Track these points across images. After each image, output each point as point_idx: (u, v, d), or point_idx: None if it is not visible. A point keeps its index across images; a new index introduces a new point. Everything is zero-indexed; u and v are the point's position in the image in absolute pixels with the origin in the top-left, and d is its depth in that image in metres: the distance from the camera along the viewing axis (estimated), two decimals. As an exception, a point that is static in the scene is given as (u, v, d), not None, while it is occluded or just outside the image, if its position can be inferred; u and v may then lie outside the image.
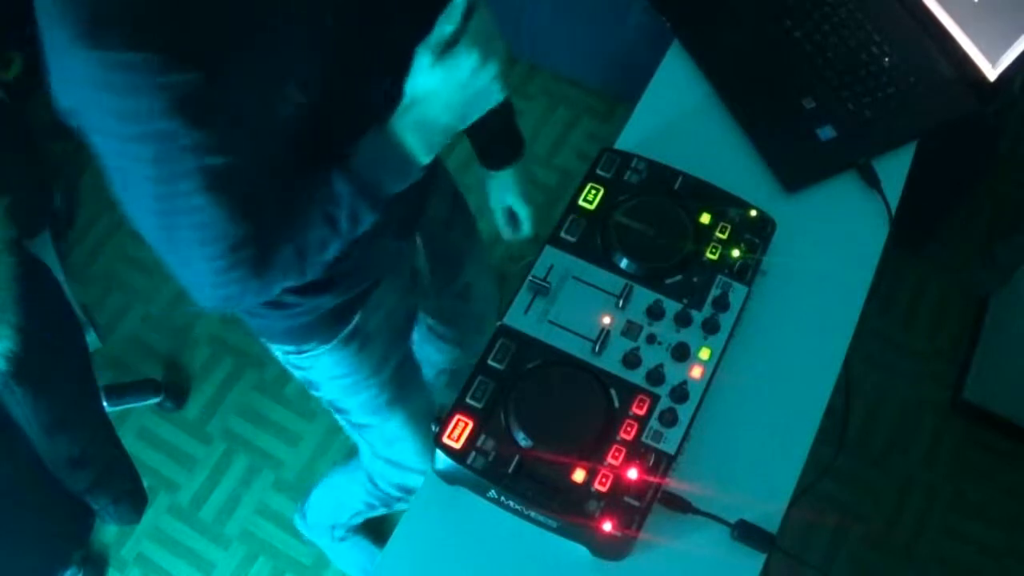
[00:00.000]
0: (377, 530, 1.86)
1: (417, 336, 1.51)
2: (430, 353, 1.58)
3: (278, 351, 1.21)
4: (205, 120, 0.77)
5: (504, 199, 1.41)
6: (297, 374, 1.26)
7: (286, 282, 0.94)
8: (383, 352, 1.26)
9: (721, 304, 1.00)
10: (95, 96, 0.74)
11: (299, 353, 1.19)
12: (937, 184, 1.53)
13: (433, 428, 0.93)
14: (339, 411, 1.35)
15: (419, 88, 0.87)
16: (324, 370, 1.23)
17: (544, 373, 0.95)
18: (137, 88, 0.73)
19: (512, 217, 1.44)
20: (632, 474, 0.90)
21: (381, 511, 1.72)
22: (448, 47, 0.85)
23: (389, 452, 1.44)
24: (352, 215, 0.90)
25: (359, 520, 1.78)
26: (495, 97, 0.89)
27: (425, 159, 0.90)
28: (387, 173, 0.90)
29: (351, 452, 1.70)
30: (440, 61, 0.85)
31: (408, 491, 1.57)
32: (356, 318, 1.17)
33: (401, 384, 1.33)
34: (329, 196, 0.89)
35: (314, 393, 1.31)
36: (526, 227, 1.46)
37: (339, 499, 1.76)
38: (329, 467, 1.92)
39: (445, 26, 0.85)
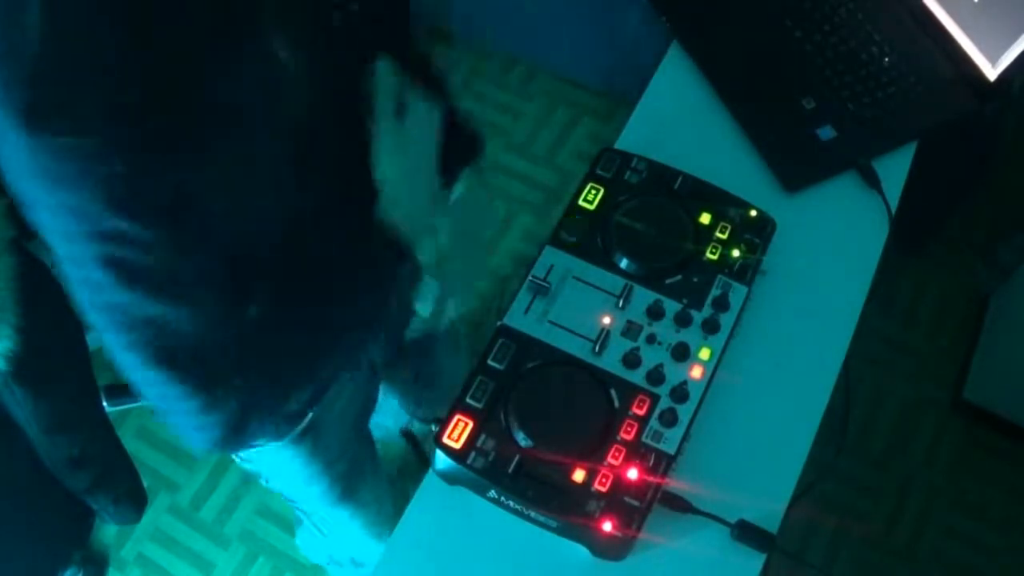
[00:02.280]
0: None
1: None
2: (392, 409, 1.55)
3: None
4: (161, 222, 0.68)
5: None
6: (244, 466, 1.20)
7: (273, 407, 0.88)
8: (339, 446, 1.20)
9: (721, 304, 1.00)
10: (39, 188, 0.65)
11: (248, 448, 1.11)
12: (937, 184, 1.53)
13: (433, 428, 0.93)
14: (288, 499, 1.30)
15: (393, 165, 0.87)
16: (274, 465, 1.16)
17: (544, 373, 0.95)
18: (81, 179, 0.64)
19: None
20: (632, 474, 0.90)
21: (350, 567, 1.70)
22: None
23: (336, 534, 1.41)
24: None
25: None
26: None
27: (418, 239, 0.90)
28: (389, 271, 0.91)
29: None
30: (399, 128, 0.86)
31: (359, 563, 1.55)
32: (309, 416, 1.08)
33: (356, 477, 1.28)
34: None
35: (263, 483, 1.25)
36: None
37: (313, 545, 1.75)
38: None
39: (384, 100, 0.85)
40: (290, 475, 1.19)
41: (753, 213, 1.06)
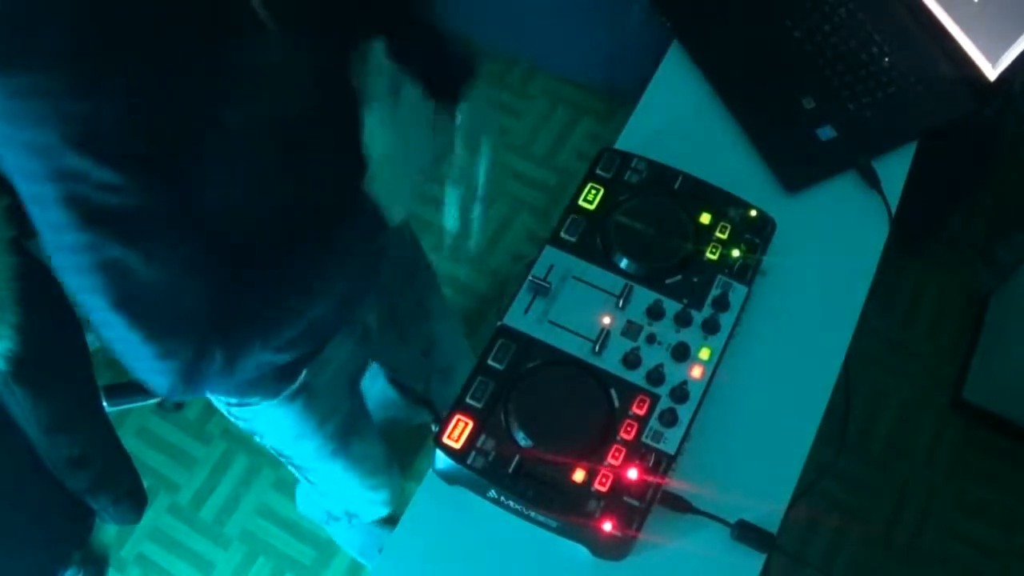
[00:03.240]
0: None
1: (380, 383, 1.46)
2: (395, 401, 1.55)
3: (219, 401, 1.14)
4: (124, 165, 0.69)
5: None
6: (239, 424, 1.20)
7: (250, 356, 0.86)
8: (330, 406, 1.21)
9: (721, 304, 1.00)
10: (5, 125, 0.66)
11: (240, 406, 1.13)
12: (937, 184, 1.53)
13: (433, 428, 0.93)
14: (281, 455, 1.31)
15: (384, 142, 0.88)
16: (267, 422, 1.18)
17: (544, 373, 0.95)
18: (42, 117, 0.65)
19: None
20: (632, 474, 0.90)
21: (346, 519, 1.73)
22: None
23: (329, 490, 1.44)
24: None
25: None
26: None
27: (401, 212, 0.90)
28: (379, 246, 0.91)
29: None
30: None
31: (353, 514, 1.56)
32: (303, 375, 1.10)
33: (347, 434, 1.29)
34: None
35: (256, 439, 1.26)
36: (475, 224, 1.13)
37: (310, 502, 1.78)
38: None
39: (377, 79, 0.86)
40: (283, 432, 1.21)
41: (753, 213, 1.06)
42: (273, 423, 1.18)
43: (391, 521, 1.87)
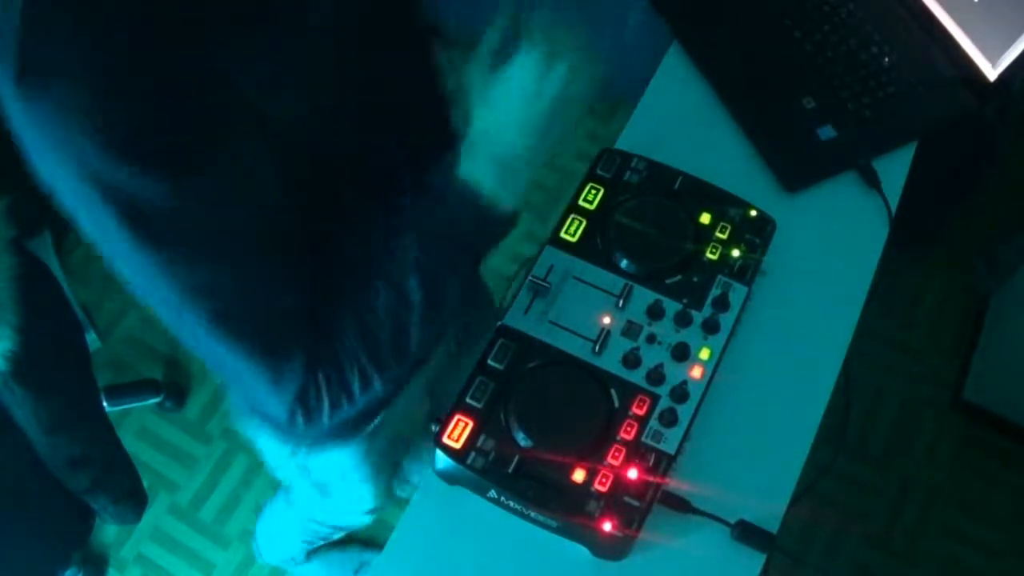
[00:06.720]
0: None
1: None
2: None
3: (283, 451, 1.10)
4: (157, 166, 0.66)
5: None
6: (307, 474, 1.17)
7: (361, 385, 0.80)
8: (393, 437, 1.19)
9: (721, 304, 1.00)
10: (47, 146, 0.66)
11: (313, 452, 1.09)
12: (937, 184, 1.53)
13: (433, 428, 0.93)
14: (307, 477, 1.23)
15: (483, 116, 0.76)
16: (334, 467, 1.15)
17: (544, 373, 0.95)
18: (71, 125, 0.64)
19: None
20: (632, 474, 0.90)
21: (319, 544, 1.70)
22: (500, 54, 0.74)
23: (338, 507, 1.41)
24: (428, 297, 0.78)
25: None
26: (581, 99, 0.79)
27: (511, 201, 0.78)
28: (470, 233, 0.79)
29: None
30: (497, 74, 0.75)
31: (343, 528, 1.54)
32: (380, 415, 1.07)
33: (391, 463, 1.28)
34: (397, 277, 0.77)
35: (316, 490, 1.23)
36: None
37: (280, 542, 1.74)
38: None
39: (492, 33, 0.76)
40: (342, 472, 1.18)
41: (753, 213, 1.06)
42: (338, 464, 1.14)
43: (352, 541, 1.84)
